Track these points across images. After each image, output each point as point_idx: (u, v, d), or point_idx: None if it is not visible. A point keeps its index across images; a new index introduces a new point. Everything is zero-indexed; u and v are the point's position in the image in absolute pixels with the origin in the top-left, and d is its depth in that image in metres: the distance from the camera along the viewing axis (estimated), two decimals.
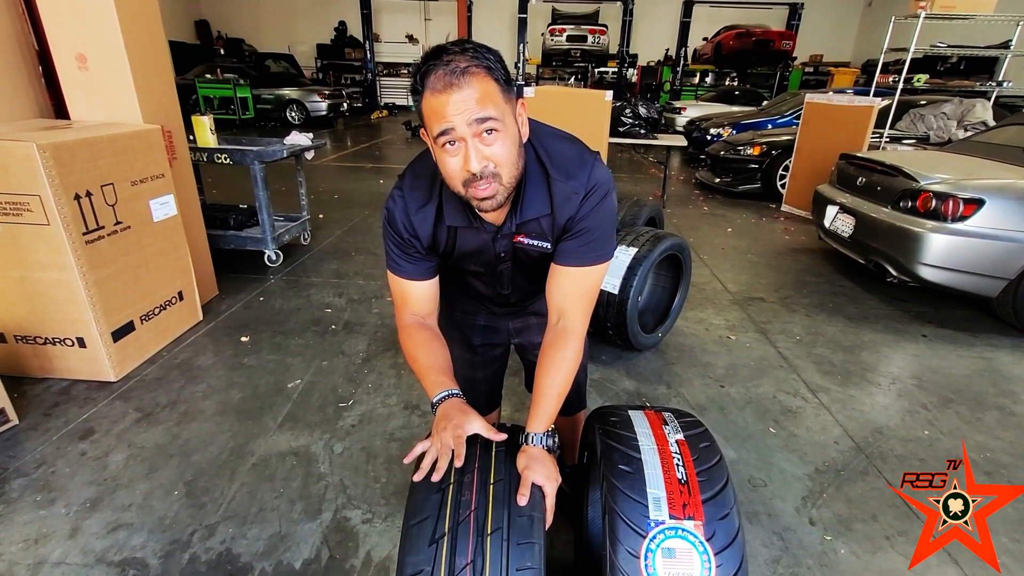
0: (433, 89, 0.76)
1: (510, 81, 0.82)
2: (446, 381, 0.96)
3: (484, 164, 0.79)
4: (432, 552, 0.78)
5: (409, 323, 1.04)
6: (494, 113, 0.77)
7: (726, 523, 0.86)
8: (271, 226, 3.30)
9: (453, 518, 0.81)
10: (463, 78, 0.75)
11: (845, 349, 2.63)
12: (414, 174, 0.96)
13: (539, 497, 0.86)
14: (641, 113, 5.07)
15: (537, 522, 0.82)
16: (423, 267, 1.01)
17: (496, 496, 0.84)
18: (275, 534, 1.48)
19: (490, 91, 0.77)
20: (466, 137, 0.77)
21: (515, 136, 0.83)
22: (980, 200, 2.67)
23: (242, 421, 1.96)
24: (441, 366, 0.99)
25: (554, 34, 13.47)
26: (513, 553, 0.78)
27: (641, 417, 1.05)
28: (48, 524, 1.49)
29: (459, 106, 0.75)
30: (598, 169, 0.92)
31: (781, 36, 12.86)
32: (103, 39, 2.21)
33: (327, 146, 8.93)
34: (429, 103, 0.77)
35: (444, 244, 0.99)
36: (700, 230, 4.64)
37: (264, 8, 15.70)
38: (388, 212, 0.97)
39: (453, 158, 0.80)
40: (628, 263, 2.28)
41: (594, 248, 0.94)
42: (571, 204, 0.91)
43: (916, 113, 5.34)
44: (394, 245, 0.99)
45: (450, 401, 0.93)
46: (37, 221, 1.88)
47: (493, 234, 0.97)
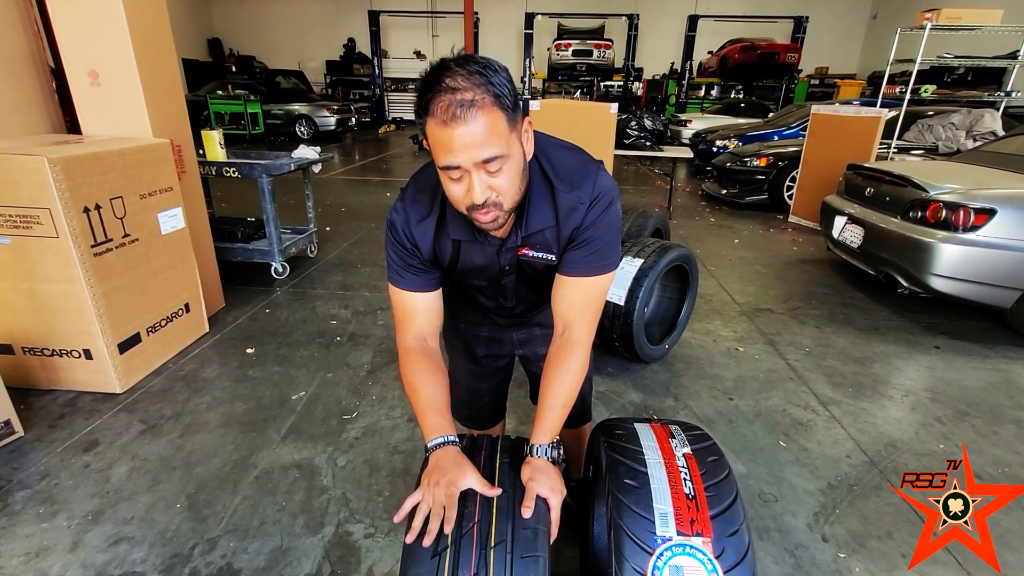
0: (438, 119, 0.73)
1: (517, 104, 0.78)
2: (444, 425, 0.93)
3: (488, 195, 0.79)
4: (434, 565, 0.77)
5: (411, 347, 1.00)
6: (499, 150, 0.76)
7: (736, 540, 0.83)
8: (278, 238, 3.32)
9: (456, 531, 0.80)
10: (469, 111, 0.72)
11: (856, 361, 2.59)
12: (416, 187, 0.96)
13: (544, 510, 0.84)
14: (647, 125, 5.08)
15: (542, 535, 0.81)
16: (426, 279, 1.00)
17: (500, 508, 0.83)
18: (276, 548, 1.46)
19: (496, 122, 0.74)
20: (471, 170, 0.77)
21: (519, 161, 0.82)
22: (992, 210, 2.64)
23: (246, 433, 1.95)
24: (441, 406, 0.96)
25: (560, 49, 13.60)
26: (517, 567, 0.77)
27: (647, 430, 1.03)
28: (49, 537, 1.48)
29: (464, 140, 0.73)
30: (602, 178, 0.91)
31: (786, 49, 12.90)
32: (115, 56, 2.25)
33: (335, 160, 9.03)
34: (433, 132, 0.75)
35: (447, 257, 0.98)
36: (707, 241, 4.62)
37: (275, 26, 16.01)
38: (390, 224, 0.97)
39: (456, 185, 0.80)
40: (634, 274, 2.26)
41: (599, 258, 0.93)
42: (576, 214, 0.90)
43: (924, 124, 5.32)
44: (396, 256, 0.98)
45: (445, 450, 0.90)
46: (47, 234, 1.90)
47: (497, 247, 0.96)
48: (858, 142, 4.50)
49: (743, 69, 13.19)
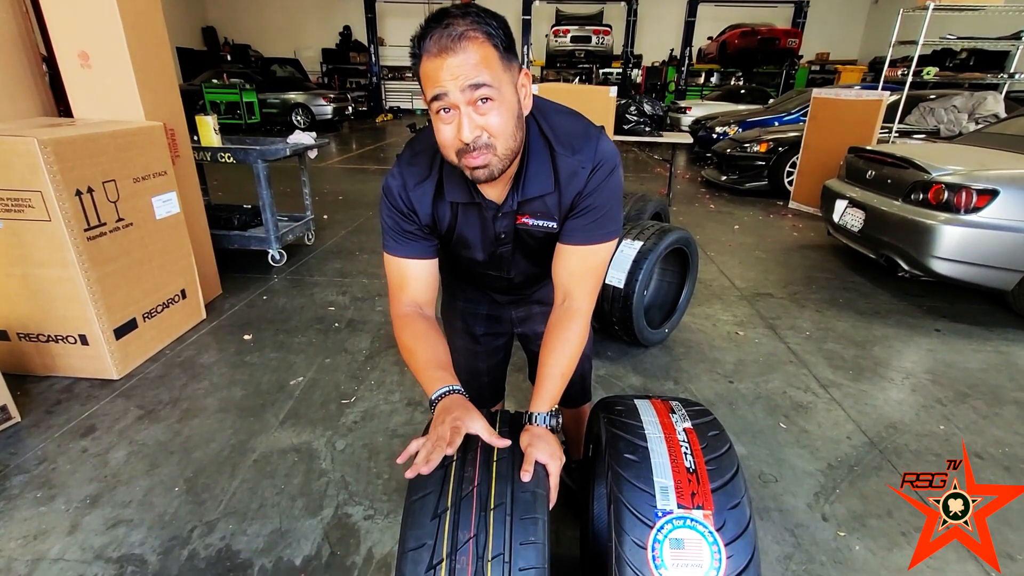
0: (429, 53, 0.73)
1: (512, 48, 0.78)
2: (446, 376, 0.91)
3: (477, 134, 0.76)
4: (434, 526, 0.77)
5: (406, 312, 0.98)
6: (489, 80, 0.74)
7: (737, 512, 0.82)
8: (275, 225, 3.29)
9: (456, 493, 0.80)
10: (459, 43, 0.72)
11: (856, 344, 2.58)
12: (413, 151, 0.94)
13: (543, 475, 0.84)
14: (646, 110, 5.03)
15: (540, 498, 0.80)
16: (423, 246, 0.97)
17: (499, 473, 0.83)
18: (275, 530, 1.46)
19: (488, 57, 0.74)
20: (459, 104, 0.75)
21: (513, 106, 0.79)
22: (994, 191, 2.61)
23: (244, 418, 1.94)
24: (441, 360, 0.94)
25: (558, 35, 13.47)
26: (516, 528, 0.77)
27: (648, 406, 1.01)
28: (47, 520, 1.48)
29: (453, 71, 0.72)
30: (604, 143, 0.89)
31: (786, 34, 12.78)
32: (105, 37, 2.21)
33: (332, 148, 8.97)
34: (425, 67, 0.75)
35: (445, 224, 0.96)
36: (707, 228, 4.59)
37: (270, 14, 15.82)
38: (386, 188, 0.94)
39: (447, 126, 0.78)
40: (633, 257, 2.24)
41: (601, 225, 0.91)
42: (578, 180, 0.88)
43: (926, 107, 5.27)
44: (392, 222, 0.95)
45: (451, 397, 0.88)
46: (39, 217, 1.87)
47: (494, 212, 0.93)
48: (859, 126, 4.46)
49: (743, 55, 13.07)
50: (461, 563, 0.74)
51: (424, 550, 0.75)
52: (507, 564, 0.74)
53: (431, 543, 0.75)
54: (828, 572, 1.38)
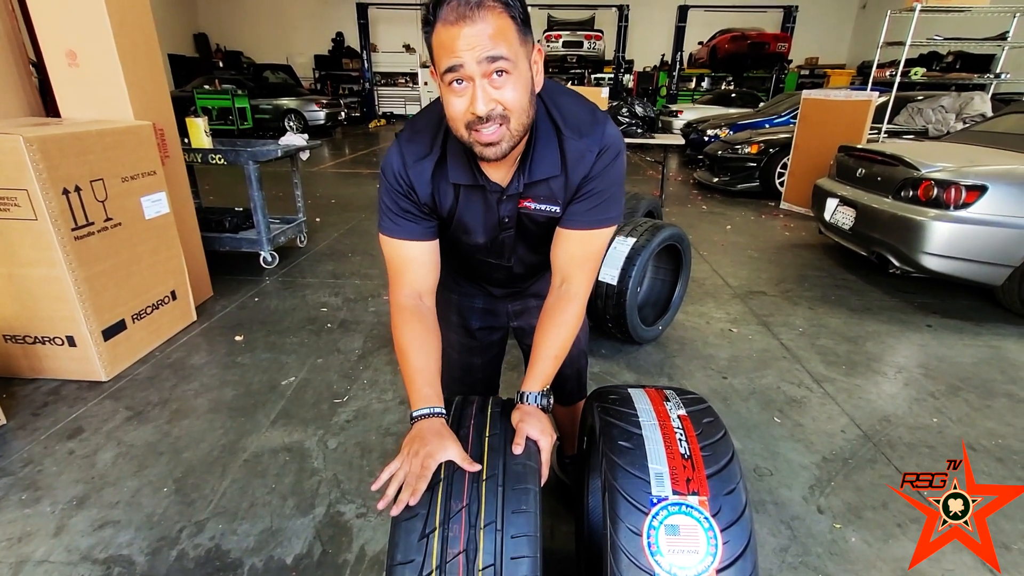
0: (445, 20, 0.70)
1: (528, 23, 0.75)
2: (431, 396, 0.90)
3: (492, 107, 0.74)
4: (427, 497, 0.78)
5: (405, 305, 0.96)
6: (507, 52, 0.72)
7: (732, 498, 0.81)
8: (266, 227, 3.27)
9: (448, 467, 0.81)
10: (478, 11, 0.69)
11: (849, 340, 2.59)
12: (413, 128, 0.92)
13: (534, 449, 0.84)
14: (638, 112, 5.06)
15: (531, 471, 0.81)
16: (423, 227, 0.94)
17: (492, 447, 0.84)
18: (266, 529, 1.43)
19: (505, 29, 0.71)
20: (475, 76, 0.72)
21: (527, 82, 0.78)
22: (983, 187, 2.64)
23: (234, 418, 1.92)
24: (431, 374, 0.93)
25: (550, 40, 13.53)
26: (508, 497, 0.78)
27: (641, 394, 1.01)
28: (32, 522, 1.44)
29: (470, 40, 0.70)
30: (610, 127, 0.89)
31: (776, 38, 12.90)
32: (93, 36, 2.19)
33: (325, 153, 8.95)
34: (439, 36, 0.72)
35: (447, 206, 0.94)
36: (699, 228, 4.61)
37: (262, 21, 15.80)
38: (384, 165, 0.92)
39: (459, 98, 0.75)
40: (627, 253, 2.24)
41: (603, 210, 0.91)
42: (584, 163, 0.88)
43: (914, 107, 5.33)
44: (390, 201, 0.93)
45: (429, 421, 0.86)
46: (25, 216, 1.85)
47: (498, 196, 0.92)
48: (849, 127, 4.50)
49: (733, 59, 13.18)
50: (454, 531, 0.75)
51: (417, 519, 0.76)
52: (499, 532, 0.75)
53: (424, 512, 0.77)
54: (824, 564, 1.37)
